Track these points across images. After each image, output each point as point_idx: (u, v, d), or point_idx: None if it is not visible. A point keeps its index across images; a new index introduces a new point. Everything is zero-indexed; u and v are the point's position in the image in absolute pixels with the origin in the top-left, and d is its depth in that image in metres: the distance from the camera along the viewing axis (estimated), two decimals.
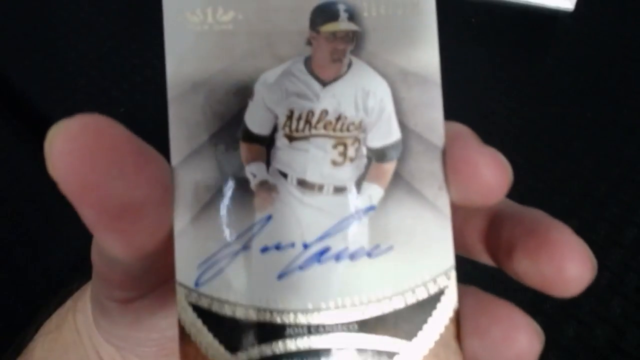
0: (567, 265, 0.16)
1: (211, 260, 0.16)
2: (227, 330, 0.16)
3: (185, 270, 0.16)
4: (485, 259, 0.19)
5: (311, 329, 0.17)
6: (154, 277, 0.18)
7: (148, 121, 0.42)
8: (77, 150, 0.13)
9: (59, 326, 0.23)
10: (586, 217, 0.38)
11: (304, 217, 0.17)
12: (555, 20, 0.48)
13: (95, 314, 0.21)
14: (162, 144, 0.16)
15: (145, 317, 0.20)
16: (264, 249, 0.17)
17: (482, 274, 0.20)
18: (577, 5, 0.46)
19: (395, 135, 0.17)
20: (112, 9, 0.51)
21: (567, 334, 0.33)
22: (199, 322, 0.16)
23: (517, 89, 0.45)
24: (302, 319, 0.17)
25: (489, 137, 0.17)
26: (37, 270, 0.37)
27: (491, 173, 0.16)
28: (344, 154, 0.17)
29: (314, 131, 0.17)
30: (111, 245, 0.15)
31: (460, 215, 0.17)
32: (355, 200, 0.17)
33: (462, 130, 0.17)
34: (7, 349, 0.25)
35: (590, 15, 0.48)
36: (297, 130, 0.17)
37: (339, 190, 0.17)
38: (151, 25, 0.49)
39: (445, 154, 0.17)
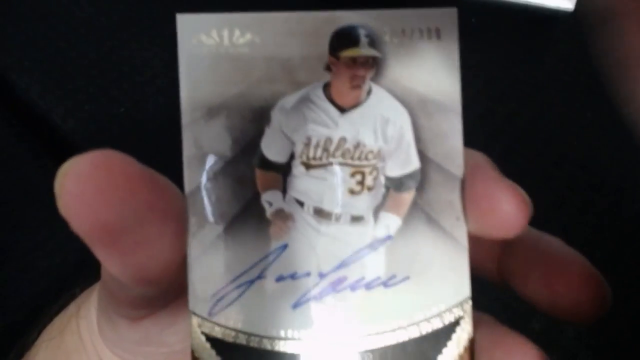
0: (584, 297, 0.16)
1: (225, 289, 0.16)
2: None
3: (198, 300, 0.16)
4: (496, 280, 0.19)
5: (326, 359, 0.16)
6: (165, 297, 0.18)
7: (148, 121, 0.42)
8: (88, 191, 0.13)
9: (61, 332, 0.23)
10: (588, 217, 0.38)
11: (320, 246, 0.17)
12: (555, 20, 0.48)
13: (102, 326, 0.21)
14: (162, 145, 0.16)
15: (155, 333, 0.20)
16: (280, 278, 0.16)
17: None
18: (577, 5, 0.46)
19: (414, 164, 0.17)
20: (112, 9, 0.50)
21: (567, 334, 0.33)
22: (212, 352, 0.16)
23: (517, 89, 0.45)
24: (317, 349, 0.16)
25: (489, 138, 0.17)
26: (38, 272, 0.37)
27: (511, 208, 0.16)
28: (361, 183, 0.17)
29: (331, 159, 0.17)
30: (123, 276, 0.15)
31: (473, 236, 0.17)
32: (372, 230, 0.17)
33: (482, 161, 0.17)
34: (9, 353, 0.25)
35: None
36: (314, 158, 0.17)
37: (356, 219, 0.17)
38: (151, 25, 0.49)
39: (464, 184, 0.17)
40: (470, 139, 0.17)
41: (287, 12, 0.17)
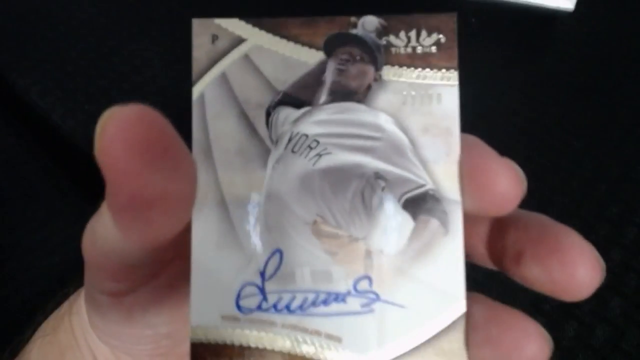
0: (579, 270, 0.16)
1: None
2: None
3: None
4: (487, 263, 0.19)
5: None
6: (146, 270, 0.18)
7: None
8: (129, 138, 0.14)
9: (55, 329, 0.23)
10: (586, 217, 0.38)
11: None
12: (555, 20, 0.48)
13: (89, 311, 0.21)
14: None
15: (138, 313, 0.20)
16: None
17: (481, 275, 0.20)
18: (577, 5, 0.46)
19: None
20: (112, 9, 0.51)
21: (567, 334, 0.33)
22: None
23: (517, 89, 0.45)
24: None
25: (488, 137, 0.17)
26: (37, 272, 0.37)
27: (507, 183, 0.16)
28: None
29: None
30: (131, 233, 0.15)
31: (469, 215, 0.17)
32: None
33: (477, 141, 0.17)
34: (4, 351, 0.25)
35: (590, 15, 0.48)
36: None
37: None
38: (151, 25, 0.49)
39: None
40: None
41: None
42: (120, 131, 0.14)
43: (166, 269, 0.19)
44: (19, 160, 0.43)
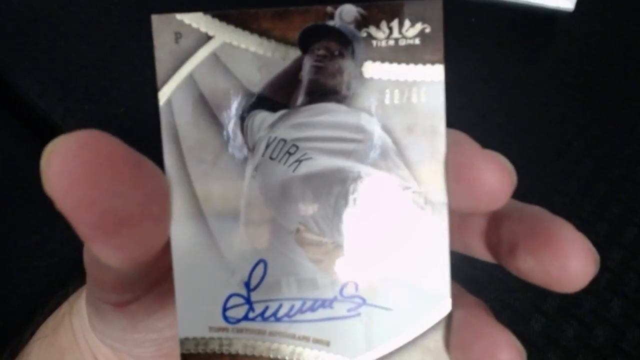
0: (571, 261, 0.15)
1: None
2: None
3: None
4: (485, 256, 0.19)
5: None
6: (148, 280, 0.18)
7: (148, 121, 0.42)
8: (75, 169, 0.13)
9: (55, 329, 0.23)
10: (586, 217, 0.38)
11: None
12: (555, 20, 0.48)
13: (90, 316, 0.21)
14: (161, 145, 0.16)
15: (142, 319, 0.19)
16: None
17: (482, 274, 0.20)
18: (577, 5, 0.46)
19: None
20: (112, 9, 0.50)
21: (567, 334, 0.33)
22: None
23: (517, 89, 0.45)
24: None
25: (489, 137, 0.17)
26: (38, 272, 0.37)
27: (495, 177, 0.15)
28: None
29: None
30: (106, 257, 0.14)
31: (459, 212, 0.17)
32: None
33: (462, 136, 0.16)
34: (3, 351, 0.25)
35: (590, 15, 0.48)
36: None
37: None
38: (151, 25, 0.49)
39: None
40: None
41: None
42: (64, 164, 0.13)
43: (169, 274, 0.18)
44: (19, 160, 0.43)
